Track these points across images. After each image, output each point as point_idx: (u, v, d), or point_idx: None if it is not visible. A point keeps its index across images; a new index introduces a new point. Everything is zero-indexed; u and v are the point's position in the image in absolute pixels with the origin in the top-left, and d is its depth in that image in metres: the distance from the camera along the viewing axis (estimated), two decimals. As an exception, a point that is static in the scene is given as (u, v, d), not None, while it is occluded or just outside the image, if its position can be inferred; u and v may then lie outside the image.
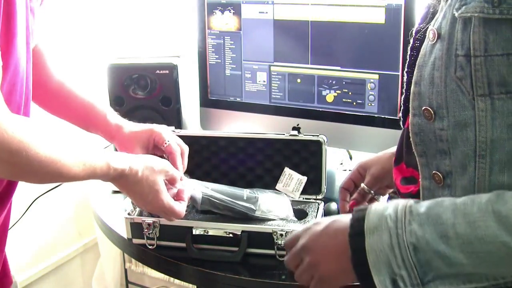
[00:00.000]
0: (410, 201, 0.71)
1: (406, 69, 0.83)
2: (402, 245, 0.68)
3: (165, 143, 1.13)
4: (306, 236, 0.78)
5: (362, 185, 1.09)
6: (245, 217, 1.13)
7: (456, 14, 0.68)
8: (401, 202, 0.71)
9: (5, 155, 0.77)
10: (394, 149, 1.09)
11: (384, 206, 0.72)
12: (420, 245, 0.67)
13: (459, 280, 0.68)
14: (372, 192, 1.08)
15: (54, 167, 0.83)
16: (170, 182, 1.04)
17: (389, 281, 0.69)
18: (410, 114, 0.77)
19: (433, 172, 0.75)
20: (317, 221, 0.79)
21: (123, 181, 0.97)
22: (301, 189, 1.26)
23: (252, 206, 1.13)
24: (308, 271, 0.77)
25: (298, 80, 1.40)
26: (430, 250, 0.67)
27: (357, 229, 0.72)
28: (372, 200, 1.10)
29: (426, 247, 0.67)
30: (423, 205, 0.69)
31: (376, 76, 1.30)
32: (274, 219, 1.13)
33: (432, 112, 0.72)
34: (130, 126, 1.17)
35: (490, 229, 0.64)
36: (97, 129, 1.19)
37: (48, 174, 0.84)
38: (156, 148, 1.16)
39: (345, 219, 0.75)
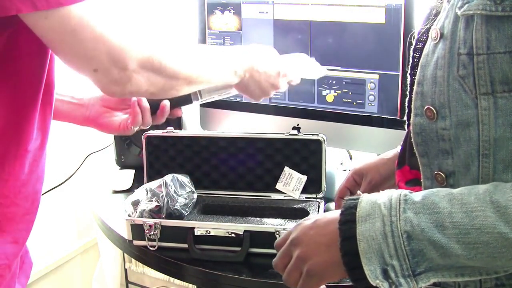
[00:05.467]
0: (405, 191, 0.69)
1: (409, 71, 0.83)
2: (395, 233, 0.66)
3: None
4: (296, 230, 0.75)
5: (359, 192, 1.07)
6: None
7: (459, 13, 0.68)
8: (395, 192, 0.70)
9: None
10: (390, 154, 1.09)
11: (377, 195, 0.70)
12: (414, 234, 0.65)
13: (452, 272, 0.67)
14: None
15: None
16: None
17: (380, 271, 0.67)
18: (412, 115, 0.77)
19: (435, 172, 0.75)
20: (308, 217, 0.77)
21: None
22: (301, 188, 1.27)
23: None
24: (296, 267, 0.73)
25: (298, 80, 1.40)
26: (425, 239, 0.65)
27: (348, 217, 0.69)
28: None
29: (420, 236, 0.65)
30: (419, 195, 0.68)
31: (376, 76, 1.30)
32: None
33: (435, 112, 0.72)
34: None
35: (488, 219, 0.63)
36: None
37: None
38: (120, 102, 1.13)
39: (336, 212, 0.72)
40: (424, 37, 0.79)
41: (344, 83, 1.34)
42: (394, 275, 0.66)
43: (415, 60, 0.81)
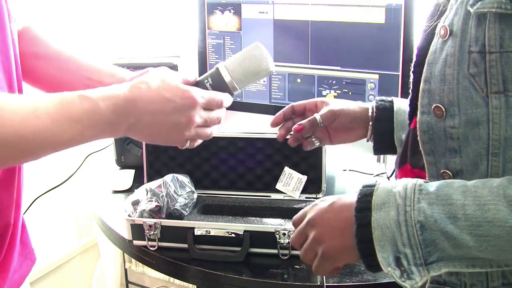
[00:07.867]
0: (420, 180, 0.71)
1: (412, 69, 0.82)
2: (409, 222, 0.67)
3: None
4: (313, 211, 0.78)
5: (316, 115, 1.06)
6: None
7: (472, 10, 0.67)
8: (410, 181, 0.71)
9: None
10: (362, 102, 1.08)
11: (393, 183, 0.72)
12: (427, 224, 0.67)
13: (463, 263, 0.68)
14: (321, 125, 1.05)
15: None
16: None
17: (393, 258, 0.68)
18: (418, 112, 0.76)
19: (442, 171, 0.74)
20: (324, 198, 0.79)
21: (131, 105, 0.74)
22: (301, 188, 1.27)
23: None
24: (312, 248, 0.76)
25: (298, 80, 1.40)
26: (437, 229, 0.66)
27: (364, 204, 0.71)
28: (310, 142, 1.09)
29: (433, 226, 0.66)
30: (433, 185, 0.69)
31: (376, 76, 1.30)
32: None
33: (443, 110, 0.72)
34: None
35: (501, 213, 0.63)
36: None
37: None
38: None
39: (352, 195, 0.74)
40: (429, 35, 0.78)
41: (344, 83, 1.34)
42: (406, 263, 0.68)
43: (419, 57, 0.80)
